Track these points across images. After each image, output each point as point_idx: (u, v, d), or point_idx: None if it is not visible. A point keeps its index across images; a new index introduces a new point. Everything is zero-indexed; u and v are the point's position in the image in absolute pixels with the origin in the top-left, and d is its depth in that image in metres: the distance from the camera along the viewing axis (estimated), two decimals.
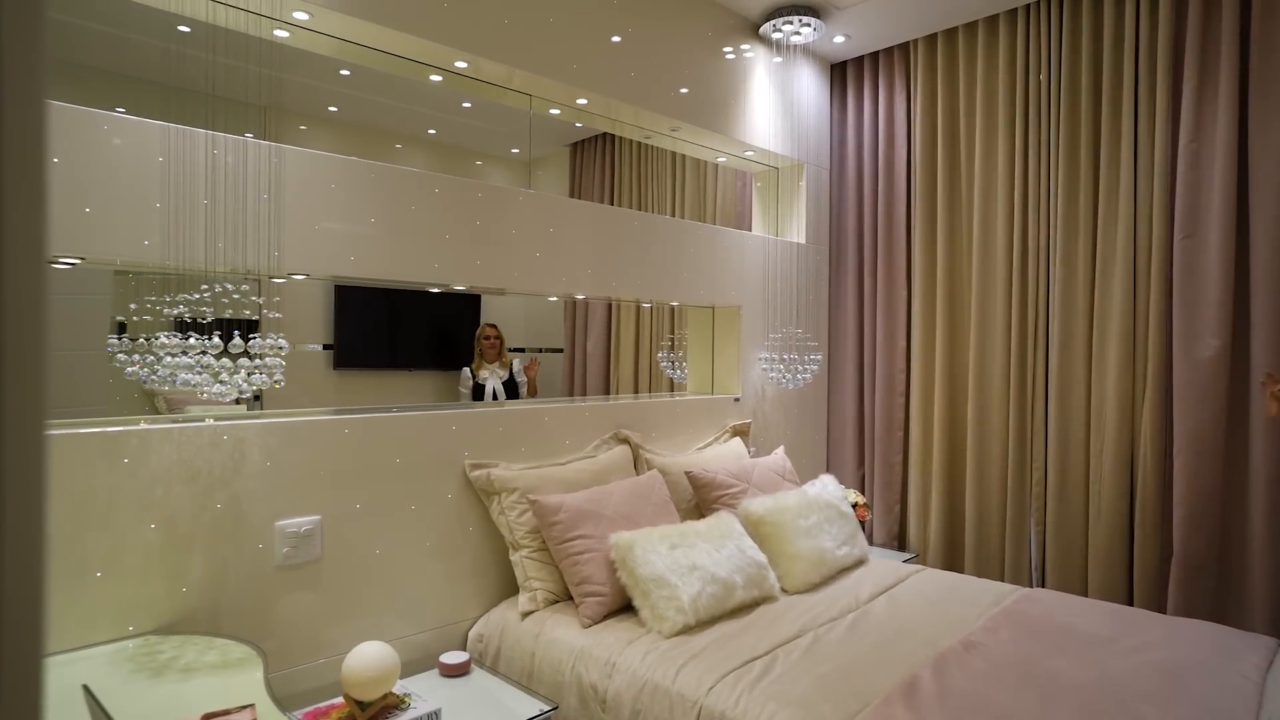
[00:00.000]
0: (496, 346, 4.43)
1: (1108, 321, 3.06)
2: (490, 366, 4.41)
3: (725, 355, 3.45)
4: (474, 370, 4.47)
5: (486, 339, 4.45)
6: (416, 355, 5.27)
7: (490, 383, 4.34)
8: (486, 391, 4.32)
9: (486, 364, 4.42)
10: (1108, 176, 3.06)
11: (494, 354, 4.42)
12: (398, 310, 5.17)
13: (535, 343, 5.84)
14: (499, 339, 4.46)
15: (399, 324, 5.23)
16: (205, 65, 1.74)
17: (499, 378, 4.37)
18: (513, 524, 2.35)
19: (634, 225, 2.94)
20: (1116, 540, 3.01)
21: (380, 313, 5.14)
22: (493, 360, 4.42)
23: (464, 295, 5.36)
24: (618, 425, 2.86)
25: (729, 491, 2.73)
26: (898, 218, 3.73)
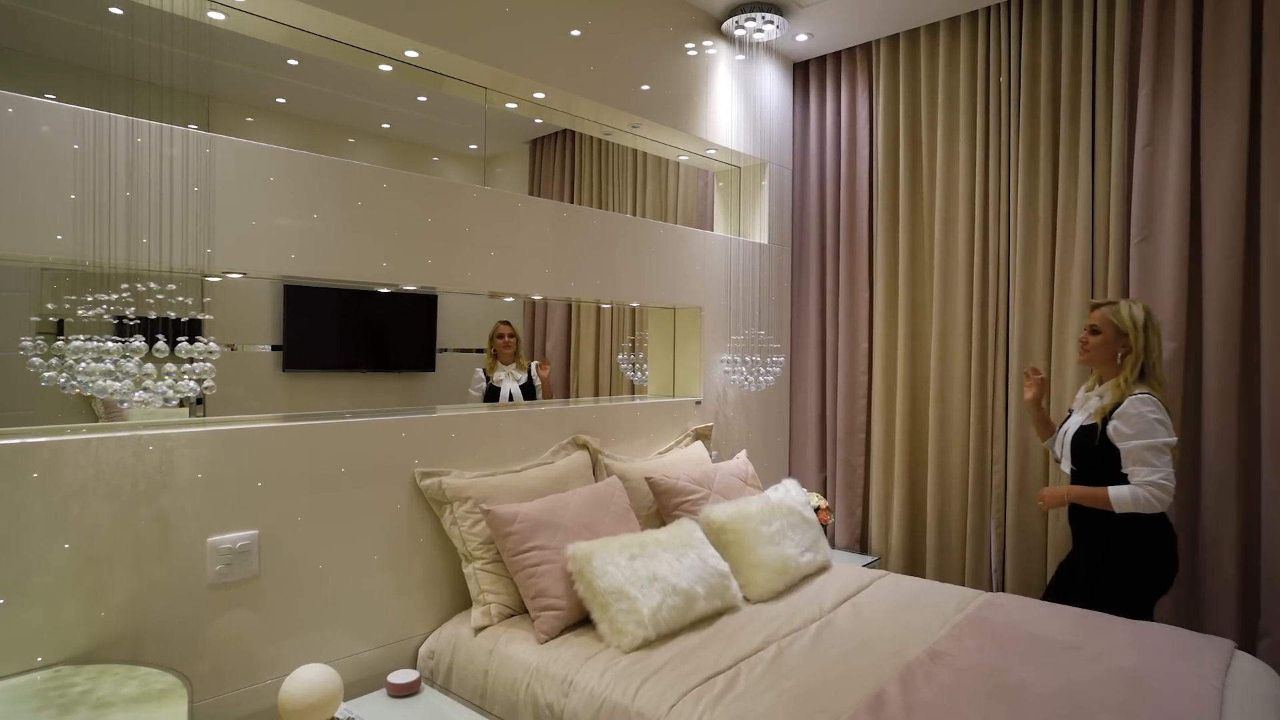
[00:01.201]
0: (512, 346, 4.05)
1: (1066, 324, 3.07)
2: (506, 368, 4.05)
3: (687, 357, 3.39)
4: (487, 371, 4.11)
5: (501, 338, 4.07)
6: (371, 356, 5.11)
7: (507, 385, 4.00)
8: (502, 394, 3.97)
9: (502, 365, 4.07)
10: (1066, 179, 3.07)
11: (510, 354, 4.06)
12: (351, 310, 5.00)
13: None
14: (515, 338, 4.08)
15: (352, 324, 5.06)
16: (126, 47, 1.61)
17: (516, 380, 4.02)
18: (465, 535, 2.25)
19: (593, 224, 2.86)
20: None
21: (333, 313, 4.96)
22: (509, 361, 4.06)
23: (420, 295, 5.21)
24: (576, 430, 2.77)
25: (690, 498, 2.66)
26: (860, 219, 3.71)
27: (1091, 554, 2.40)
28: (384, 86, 4.28)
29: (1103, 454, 2.33)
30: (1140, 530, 2.29)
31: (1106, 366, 2.43)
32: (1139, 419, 2.26)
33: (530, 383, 4.03)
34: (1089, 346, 2.44)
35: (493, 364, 4.11)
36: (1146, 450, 2.25)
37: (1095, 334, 2.43)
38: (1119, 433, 2.28)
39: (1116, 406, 2.30)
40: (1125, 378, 2.33)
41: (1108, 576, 2.33)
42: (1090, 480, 2.37)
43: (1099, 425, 2.34)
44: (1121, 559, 2.31)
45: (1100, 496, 2.31)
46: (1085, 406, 2.45)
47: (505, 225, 2.54)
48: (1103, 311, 2.43)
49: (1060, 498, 2.44)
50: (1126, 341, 2.36)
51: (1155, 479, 2.23)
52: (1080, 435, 2.40)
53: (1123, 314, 2.37)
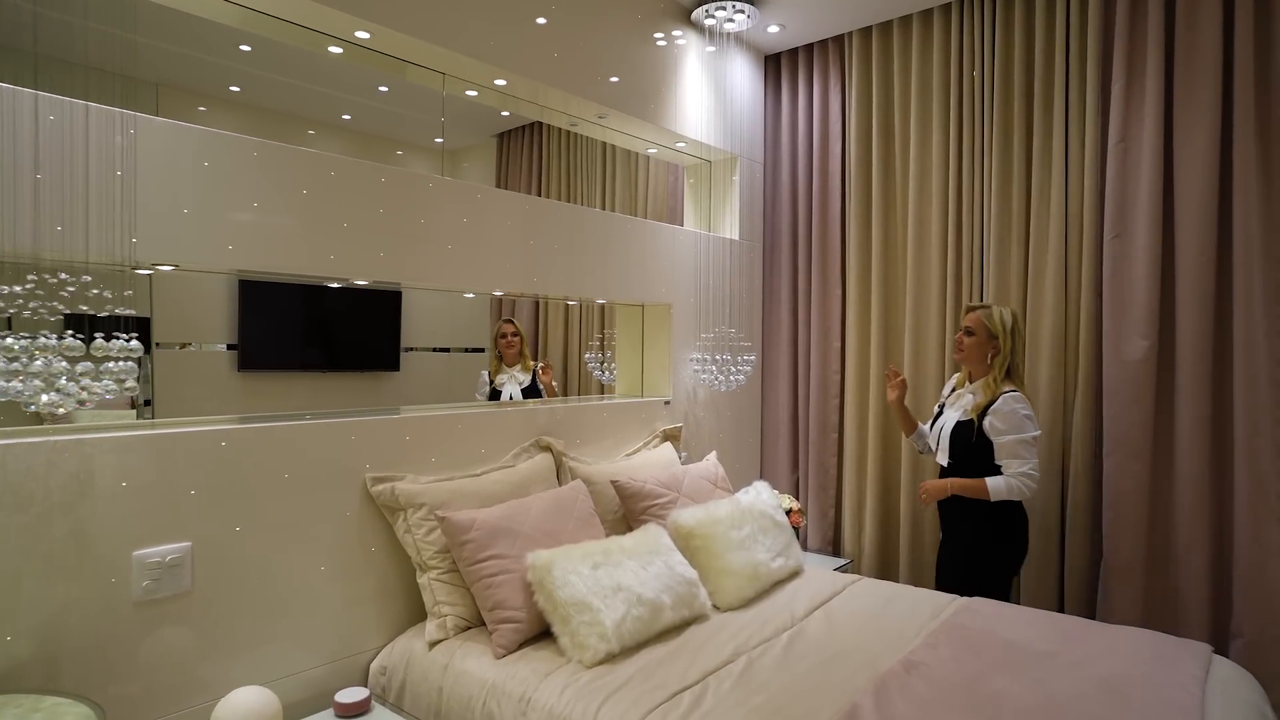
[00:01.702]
0: (516, 346, 3.80)
1: (1040, 321, 3.02)
2: (510, 370, 3.81)
3: (655, 356, 3.29)
4: (491, 374, 3.89)
5: (504, 338, 3.83)
6: (332, 355, 4.93)
7: (508, 388, 3.77)
8: (503, 398, 3.77)
9: (506, 367, 3.83)
10: (1040, 175, 3.02)
11: (514, 356, 3.82)
12: (311, 308, 4.82)
13: (459, 342, 5.58)
14: (519, 338, 3.84)
15: (312, 322, 4.88)
16: (22, 13, 1.47)
17: (519, 383, 3.79)
18: (420, 543, 2.13)
19: (558, 217, 2.75)
20: (1048, 544, 2.98)
21: (292, 310, 4.78)
22: (513, 363, 3.81)
23: (384, 291, 5.05)
24: (540, 431, 2.66)
25: (658, 502, 2.57)
26: (832, 215, 3.65)
27: (958, 539, 2.60)
28: (343, 76, 4.12)
29: (978, 448, 2.51)
30: (1000, 517, 2.51)
31: (977, 366, 2.61)
32: (1012, 415, 2.46)
33: (534, 385, 3.79)
34: (964, 346, 2.61)
35: (497, 366, 3.88)
36: (1019, 444, 2.46)
37: (970, 335, 2.60)
38: (994, 428, 2.48)
39: (990, 404, 2.49)
40: (995, 377, 2.53)
41: (973, 559, 2.56)
42: (965, 471, 2.55)
43: (975, 421, 2.51)
44: (984, 542, 2.53)
45: (979, 487, 2.48)
46: (958, 404, 2.62)
47: (465, 218, 2.42)
48: (977, 315, 2.60)
49: (942, 489, 2.57)
50: (997, 344, 2.55)
51: (1026, 470, 2.45)
52: (958, 430, 2.56)
53: (994, 318, 2.56)
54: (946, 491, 2.56)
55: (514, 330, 3.82)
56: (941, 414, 2.69)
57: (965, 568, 2.57)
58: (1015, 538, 2.54)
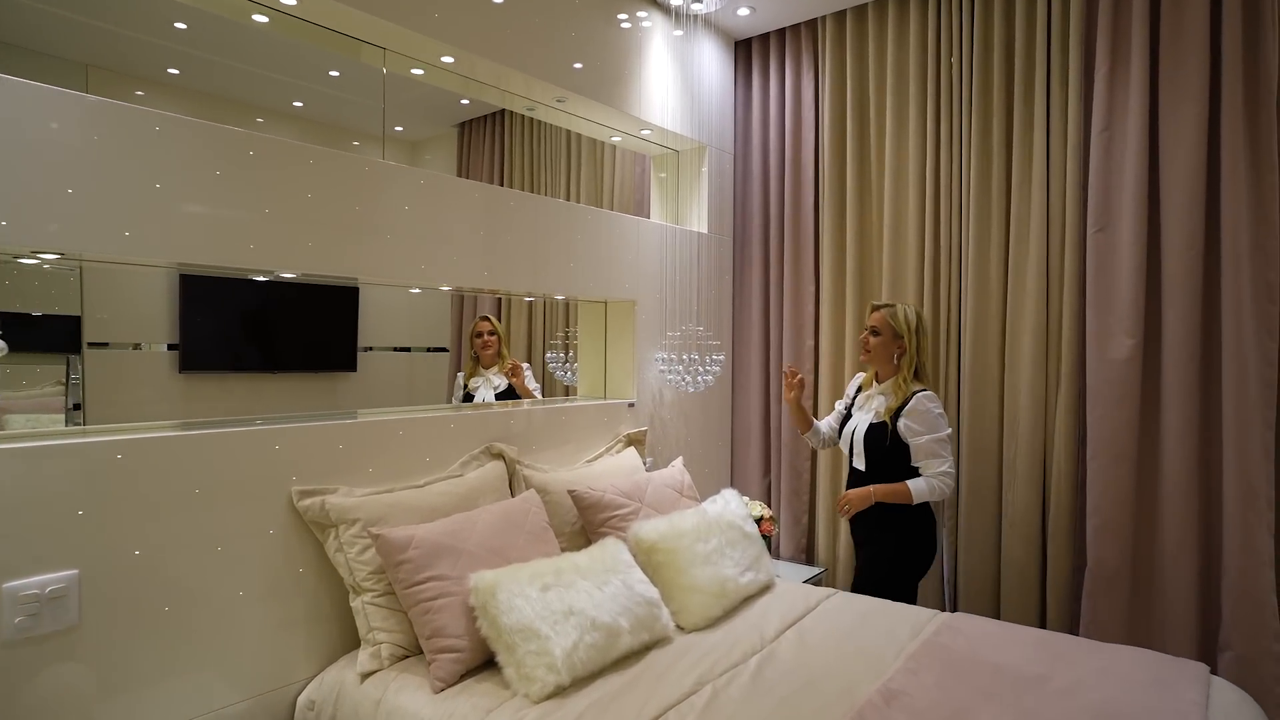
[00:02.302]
0: (493, 346, 3.46)
1: (1021, 319, 2.89)
2: (486, 373, 3.47)
3: (619, 355, 3.11)
4: (466, 377, 3.58)
5: (479, 338, 3.50)
6: (285, 356, 4.67)
7: (482, 392, 3.43)
8: (479, 398, 3.48)
9: (483, 369, 3.50)
10: (1020, 166, 2.89)
11: (491, 357, 3.47)
12: (262, 305, 4.55)
13: (421, 341, 5.35)
14: (496, 337, 3.49)
15: (263, 320, 4.61)
16: None
17: (493, 387, 3.43)
18: (353, 563, 1.93)
19: (514, 206, 2.55)
20: (1029, 551, 2.85)
21: (240, 307, 4.50)
22: (490, 365, 3.47)
23: (341, 288, 4.80)
24: (493, 437, 2.47)
25: (618, 513, 2.38)
26: (805, 208, 3.49)
27: (880, 547, 2.51)
28: (290, 59, 3.88)
29: (893, 450, 2.45)
30: (918, 521, 2.48)
31: (884, 366, 2.56)
32: (927, 415, 2.42)
33: (511, 388, 3.45)
34: (870, 346, 2.56)
35: (472, 368, 3.54)
36: (936, 443, 2.42)
37: (875, 335, 2.55)
38: (910, 429, 2.43)
39: (903, 405, 2.44)
40: (904, 377, 2.48)
41: (896, 566, 2.50)
42: (881, 476, 2.48)
43: (888, 424, 2.45)
44: (905, 548, 2.49)
45: (902, 491, 2.42)
46: (868, 406, 2.56)
47: (407, 205, 2.22)
48: (882, 314, 2.54)
49: (866, 498, 2.47)
50: (902, 343, 2.51)
51: (945, 468, 2.42)
52: (872, 434, 2.49)
53: (899, 317, 2.51)
54: (870, 500, 2.46)
55: (491, 329, 3.52)
56: (850, 416, 2.62)
57: (888, 576, 2.49)
58: (930, 541, 2.52)
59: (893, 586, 2.48)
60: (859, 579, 2.58)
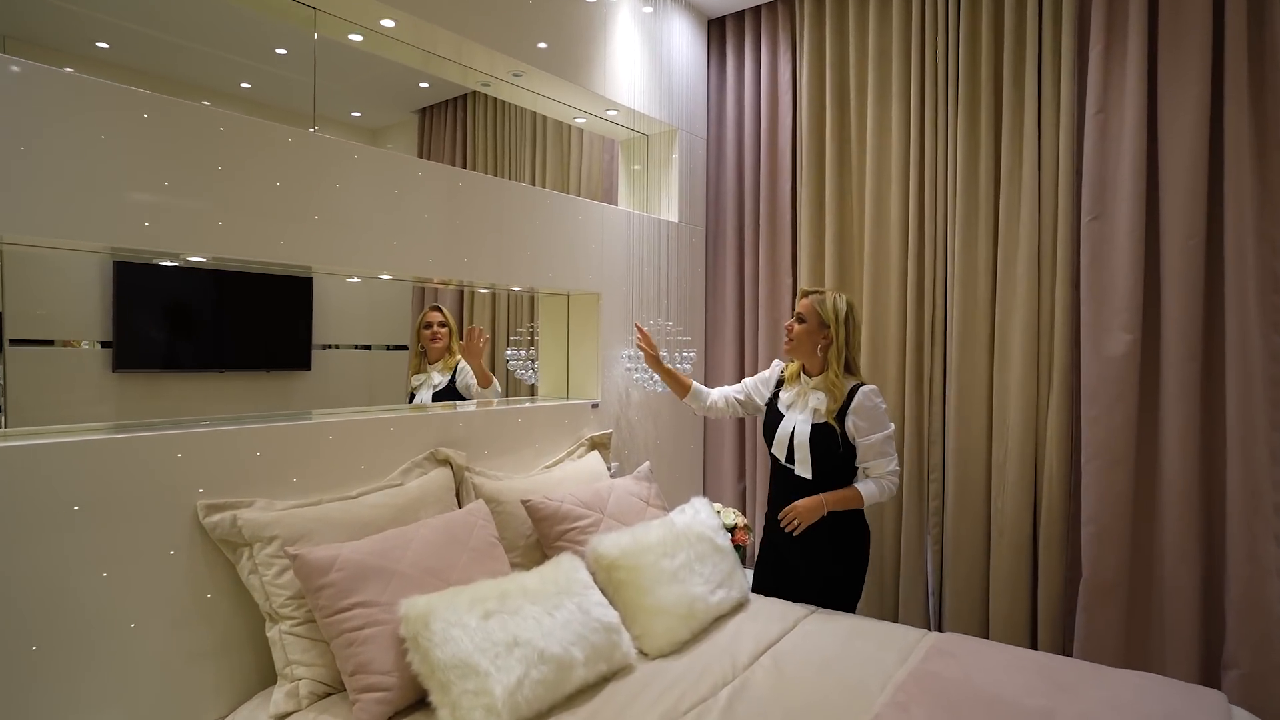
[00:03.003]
0: (444, 340, 3.05)
1: (1010, 314, 2.72)
2: (431, 369, 3.08)
3: (582, 352, 2.89)
4: (410, 373, 3.21)
5: (428, 329, 3.08)
6: (232, 353, 4.38)
7: (422, 393, 3.03)
8: (418, 399, 3.09)
9: (430, 364, 3.10)
10: (1010, 150, 2.71)
11: (440, 351, 3.05)
12: (205, 297, 4.26)
13: (381, 338, 5.08)
14: (448, 330, 3.07)
15: (206, 314, 4.32)
16: None
17: (432, 385, 3.01)
18: (269, 587, 1.69)
19: (464, 188, 2.32)
20: (1019, 561, 2.67)
21: (181, 301, 4.21)
22: (438, 359, 3.06)
23: (293, 278, 4.52)
24: (441, 441, 2.23)
25: (577, 525, 2.16)
26: (782, 195, 3.29)
27: (832, 559, 2.30)
28: (231, 35, 3.61)
29: (844, 453, 2.25)
30: (859, 527, 2.31)
31: (809, 357, 2.33)
32: (875, 412, 2.24)
33: (452, 385, 3.03)
34: (793, 335, 2.34)
35: (418, 363, 3.14)
36: (885, 442, 2.25)
37: (800, 322, 2.34)
38: (858, 428, 2.23)
39: (847, 403, 2.23)
40: (835, 371, 2.26)
41: (849, 579, 2.32)
42: (829, 482, 2.26)
43: (835, 425, 2.23)
44: (853, 559, 2.31)
45: (853, 498, 2.24)
46: (801, 405, 2.31)
47: (338, 184, 1.98)
48: (810, 301, 2.33)
49: (817, 509, 2.23)
50: (828, 333, 2.29)
51: (894, 468, 2.26)
52: (819, 437, 2.25)
53: (827, 305, 2.29)
54: (822, 511, 2.22)
55: (441, 319, 3.13)
56: (774, 414, 2.36)
57: (842, 590, 2.31)
58: (867, 551, 2.35)
59: (842, 601, 2.30)
60: (799, 597, 2.33)
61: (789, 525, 2.24)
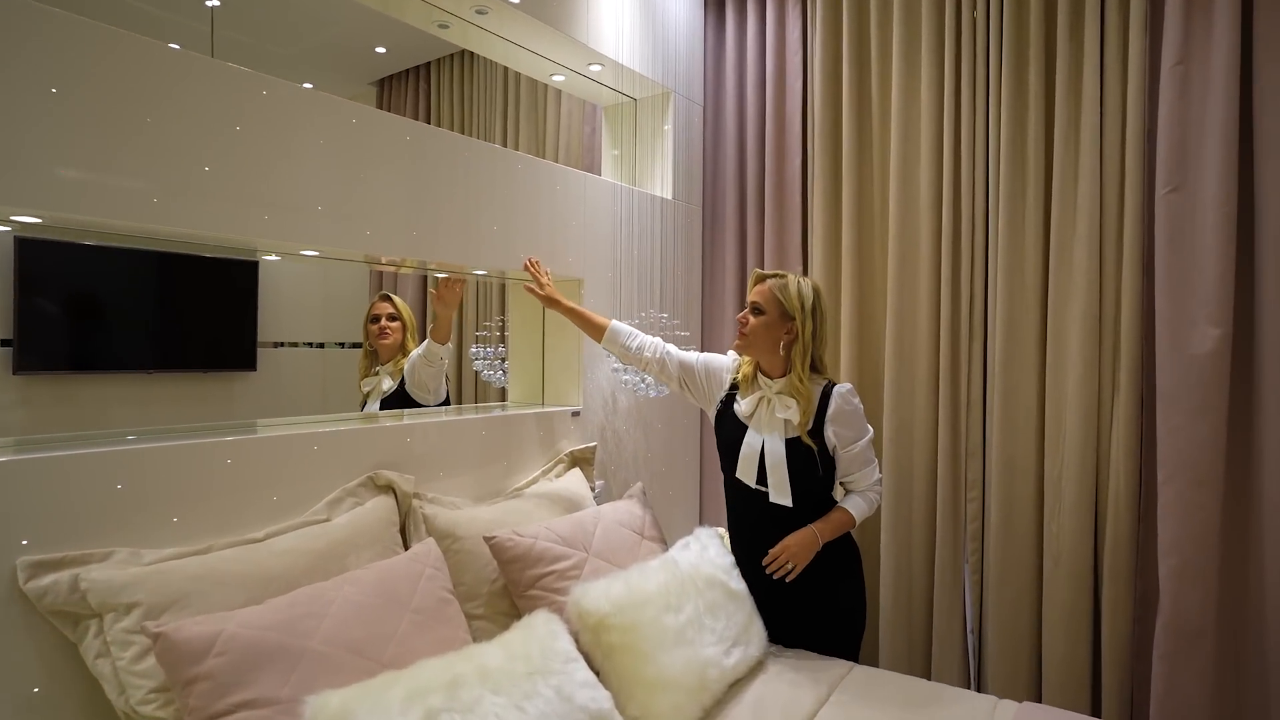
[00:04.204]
0: (394, 336, 2.64)
1: (1066, 306, 2.30)
2: (383, 370, 2.66)
3: (561, 350, 2.43)
4: (360, 376, 2.78)
5: (375, 323, 2.66)
6: (158, 351, 3.85)
7: (371, 401, 2.65)
8: (367, 411, 2.66)
9: (381, 364, 2.69)
10: (1065, 113, 2.30)
11: (392, 349, 2.65)
12: (131, 286, 3.72)
13: (335, 335, 4.58)
14: (400, 324, 2.67)
15: (132, 307, 3.78)
16: None
17: (382, 392, 2.62)
18: (126, 677, 1.21)
19: (410, 145, 1.86)
20: (1079, 594, 2.27)
21: (99, 291, 3.68)
22: (390, 358, 2.66)
23: (234, 262, 4.00)
24: (383, 462, 1.77)
25: (556, 569, 1.71)
26: (791, 172, 2.86)
27: (831, 600, 1.92)
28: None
29: (825, 471, 1.88)
30: (845, 551, 1.96)
31: (767, 355, 1.92)
32: (855, 416, 1.91)
33: (402, 390, 2.58)
34: (748, 329, 1.92)
35: (368, 365, 2.73)
36: (868, 448, 1.94)
37: (758, 313, 1.91)
38: (841, 438, 1.88)
39: (823, 410, 1.86)
40: (800, 374, 1.86)
41: (855, 618, 1.97)
42: (810, 506, 1.88)
43: (809, 441, 1.85)
44: (856, 594, 1.98)
45: (844, 521, 1.90)
46: (764, 417, 1.90)
47: (238, 125, 1.50)
48: (769, 286, 1.92)
49: (811, 545, 1.85)
50: (791, 326, 1.88)
51: (879, 477, 1.99)
52: (797, 458, 1.85)
53: (790, 291, 1.90)
54: (817, 547, 1.85)
55: (392, 311, 2.67)
56: (730, 422, 1.95)
57: (845, 628, 1.96)
58: (862, 571, 2.03)
59: (839, 636, 1.94)
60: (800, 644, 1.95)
61: (780, 571, 1.82)
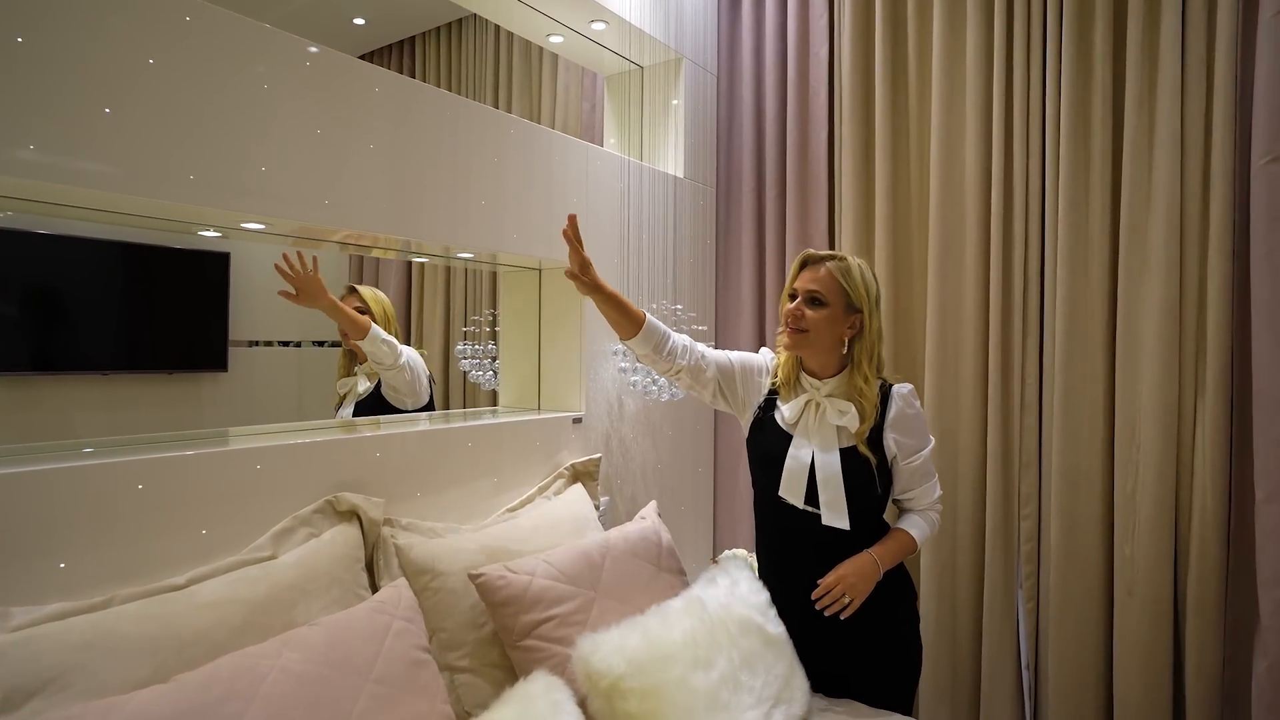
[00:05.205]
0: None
1: (1140, 296, 2.01)
2: (360, 369, 2.42)
3: (560, 347, 2.12)
4: (337, 378, 2.51)
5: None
6: (117, 349, 3.49)
7: (346, 405, 2.41)
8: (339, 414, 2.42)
9: (360, 363, 2.42)
10: (1138, 74, 2.00)
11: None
12: (78, 276, 3.35)
13: (312, 333, 4.24)
14: (368, 317, 2.36)
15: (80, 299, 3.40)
16: None
17: (357, 395, 2.40)
18: None
19: (375, 92, 1.54)
20: (1158, 629, 1.97)
21: (39, 281, 3.30)
22: (364, 358, 2.39)
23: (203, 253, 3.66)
24: (345, 481, 1.46)
25: (557, 613, 1.39)
26: (816, 146, 2.55)
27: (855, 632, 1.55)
28: None
29: (884, 488, 1.59)
30: (899, 581, 1.63)
31: (826, 356, 1.59)
32: (918, 421, 1.61)
33: (378, 393, 2.32)
34: (808, 324, 1.55)
35: (347, 365, 2.47)
36: (929, 461, 1.63)
37: (818, 305, 1.56)
38: (902, 448, 1.58)
39: (882, 416, 1.56)
40: (866, 375, 1.56)
41: (898, 652, 1.62)
42: (866, 529, 1.56)
43: (868, 451, 1.54)
44: (897, 626, 1.62)
45: (906, 546, 1.59)
46: (815, 427, 1.57)
47: (150, 56, 1.19)
48: (829, 271, 1.56)
49: (872, 575, 1.53)
50: (857, 320, 1.58)
51: (940, 493, 1.65)
52: (855, 472, 1.54)
53: (856, 278, 1.57)
54: (878, 577, 1.54)
55: (358, 305, 2.37)
56: (785, 440, 1.59)
57: (898, 675, 1.63)
58: (917, 605, 1.71)
59: (897, 699, 1.61)
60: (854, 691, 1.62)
61: (836, 606, 1.49)
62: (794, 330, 1.55)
